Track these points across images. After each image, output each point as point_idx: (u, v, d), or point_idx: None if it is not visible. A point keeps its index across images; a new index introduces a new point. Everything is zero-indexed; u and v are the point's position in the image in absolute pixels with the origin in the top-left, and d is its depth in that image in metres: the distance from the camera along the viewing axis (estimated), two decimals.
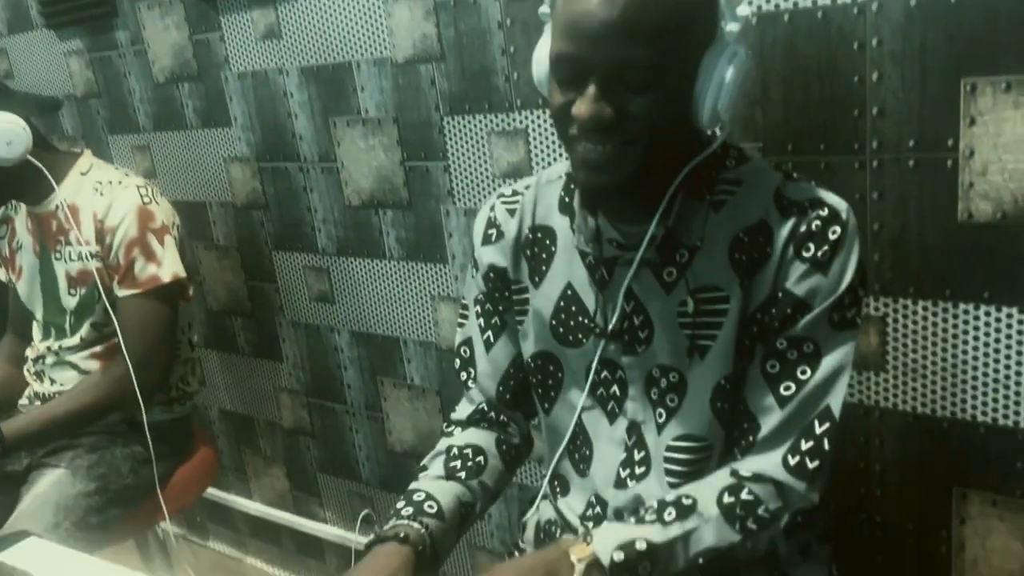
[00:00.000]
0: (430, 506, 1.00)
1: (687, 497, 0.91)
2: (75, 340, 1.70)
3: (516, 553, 1.16)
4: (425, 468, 1.07)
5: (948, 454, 1.26)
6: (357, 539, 2.13)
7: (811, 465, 0.91)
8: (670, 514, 0.90)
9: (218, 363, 2.34)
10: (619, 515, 1.02)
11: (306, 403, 2.17)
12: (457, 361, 1.15)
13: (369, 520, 2.14)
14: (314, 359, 2.09)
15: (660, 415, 0.98)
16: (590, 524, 1.05)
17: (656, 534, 0.87)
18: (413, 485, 1.04)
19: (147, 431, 1.61)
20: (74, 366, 1.71)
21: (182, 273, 1.65)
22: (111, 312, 1.62)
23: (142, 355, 1.62)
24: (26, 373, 1.80)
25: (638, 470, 1.01)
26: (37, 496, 1.59)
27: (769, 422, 0.92)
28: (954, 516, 1.28)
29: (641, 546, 0.86)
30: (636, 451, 1.01)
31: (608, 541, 0.86)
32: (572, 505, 1.08)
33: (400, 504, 1.01)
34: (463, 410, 1.15)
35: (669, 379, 0.97)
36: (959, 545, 1.29)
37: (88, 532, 1.59)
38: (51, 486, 1.61)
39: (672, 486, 0.97)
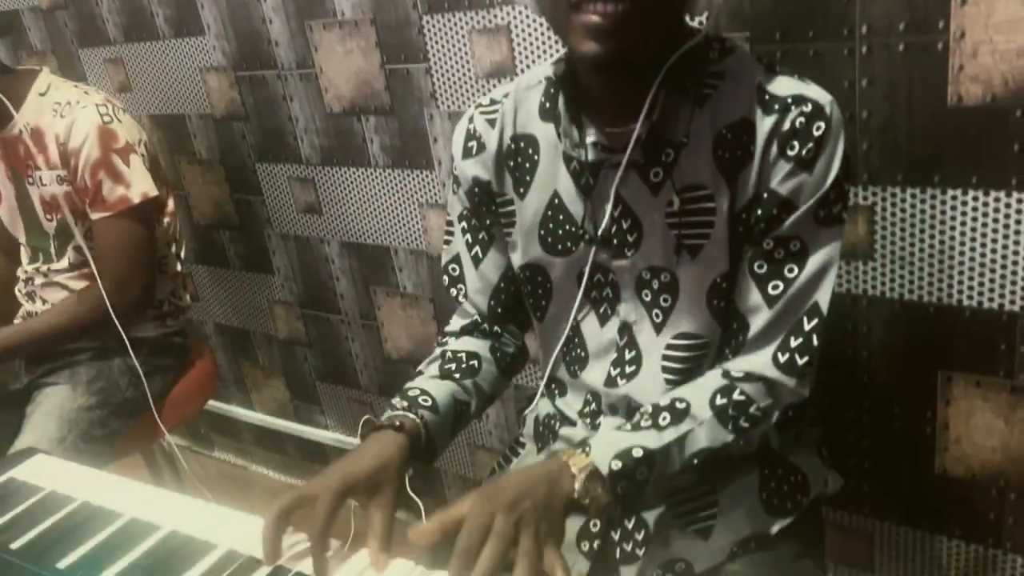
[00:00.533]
0: (424, 400, 1.01)
1: (680, 401, 0.93)
2: (63, 263, 1.70)
3: (517, 448, 1.19)
4: (420, 372, 1.09)
5: (934, 339, 1.29)
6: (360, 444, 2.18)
7: (800, 361, 0.92)
8: (664, 419, 0.91)
9: (209, 278, 2.34)
10: (614, 410, 1.04)
11: (300, 314, 2.18)
12: (446, 278, 1.15)
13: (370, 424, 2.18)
14: (305, 271, 2.09)
15: (657, 315, 0.98)
16: (588, 419, 1.07)
17: (652, 440, 0.89)
18: (408, 384, 1.05)
19: (129, 347, 1.64)
20: (63, 286, 1.72)
21: (152, 192, 1.62)
22: (78, 237, 1.62)
23: (121, 275, 1.63)
24: (18, 294, 1.81)
25: (628, 369, 1.02)
26: (42, 413, 1.62)
27: (758, 321, 0.93)
28: (939, 398, 1.32)
29: (638, 453, 0.87)
30: (627, 351, 1.02)
31: (606, 451, 0.87)
32: (570, 403, 1.10)
33: (395, 399, 1.02)
34: (456, 323, 1.15)
35: (660, 279, 0.97)
36: (943, 425, 1.33)
37: (93, 445, 1.64)
38: (54, 402, 1.64)
39: (670, 383, 0.99)
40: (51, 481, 1.05)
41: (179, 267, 1.84)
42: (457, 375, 1.07)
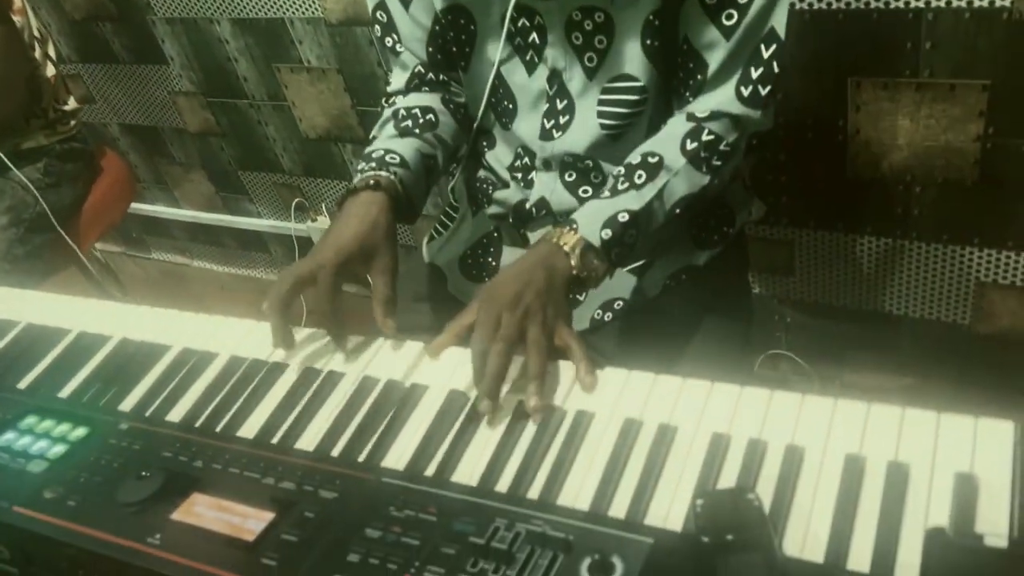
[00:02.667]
0: (392, 158, 0.97)
1: (652, 155, 0.91)
2: None
3: (452, 213, 1.19)
4: (375, 138, 1.04)
5: (843, 46, 1.29)
6: (295, 227, 2.19)
7: (763, 91, 0.91)
8: (640, 177, 0.90)
9: (102, 76, 2.20)
10: (548, 165, 1.03)
11: (206, 103, 2.08)
12: (377, 28, 1.07)
13: (302, 207, 2.18)
14: (201, 56, 1.97)
15: (590, 59, 0.95)
16: (519, 175, 1.06)
17: (633, 201, 0.89)
18: (368, 149, 1.01)
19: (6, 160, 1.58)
20: None
21: None
22: None
23: None
24: None
25: (562, 119, 1.00)
26: None
27: (716, 56, 0.90)
28: (849, 105, 1.35)
29: (624, 217, 0.87)
30: (558, 100, 0.99)
31: (592, 222, 0.87)
32: (500, 157, 1.09)
33: (360, 165, 0.98)
34: (398, 79, 1.09)
35: (595, 20, 0.92)
36: (854, 131, 1.38)
37: (19, 264, 1.62)
38: None
39: (608, 133, 0.97)
40: None
41: (52, 69, 1.72)
42: (416, 130, 1.02)
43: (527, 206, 1.05)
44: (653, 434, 0.69)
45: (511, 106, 1.03)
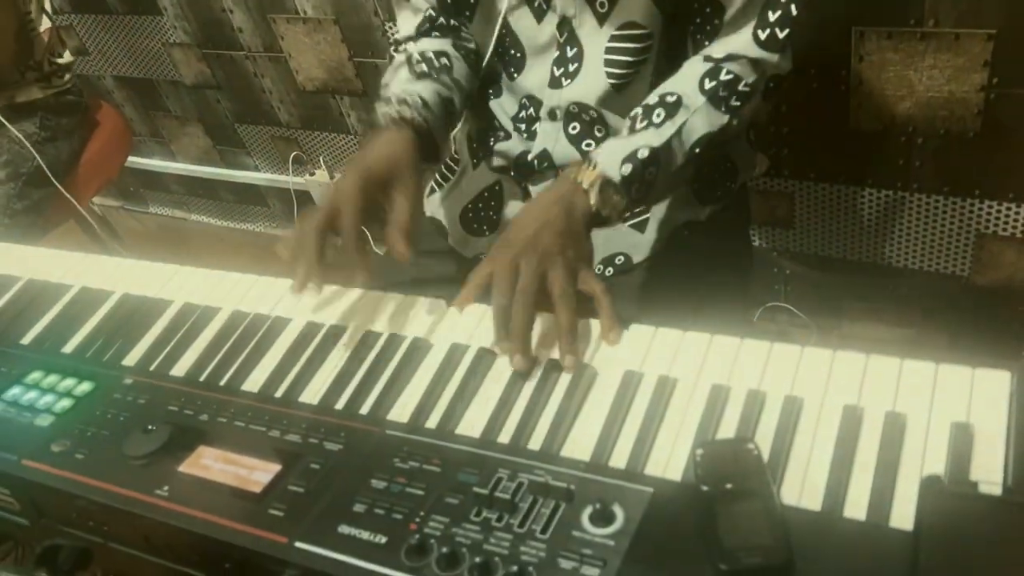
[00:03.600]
0: (413, 99, 0.95)
1: (670, 95, 0.90)
2: None
3: (453, 165, 1.18)
4: (386, 84, 1.02)
5: None
6: (293, 180, 2.18)
7: (781, 35, 0.90)
8: (659, 115, 0.89)
9: (96, 27, 2.17)
10: (552, 115, 1.02)
11: (201, 55, 2.06)
12: None
13: (300, 160, 2.16)
14: (195, 7, 1.94)
15: (601, 5, 0.93)
16: (523, 126, 1.05)
17: (653, 138, 0.87)
18: (386, 93, 0.99)
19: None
20: None
21: None
22: None
23: None
24: None
25: (571, 67, 0.98)
26: None
27: (734, 0, 0.89)
28: (852, 56, 1.34)
29: (643, 154, 0.86)
30: (568, 48, 0.98)
31: (612, 158, 0.85)
32: (505, 108, 1.07)
33: (381, 108, 0.96)
34: (407, 24, 1.07)
35: None
36: (857, 81, 1.37)
37: (19, 219, 1.62)
38: None
39: (614, 83, 0.96)
40: None
41: (47, 21, 1.70)
42: (433, 74, 1.00)
43: (529, 158, 1.04)
44: (653, 386, 0.69)
45: (519, 55, 1.02)
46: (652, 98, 0.91)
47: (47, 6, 1.70)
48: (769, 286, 1.74)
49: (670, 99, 0.90)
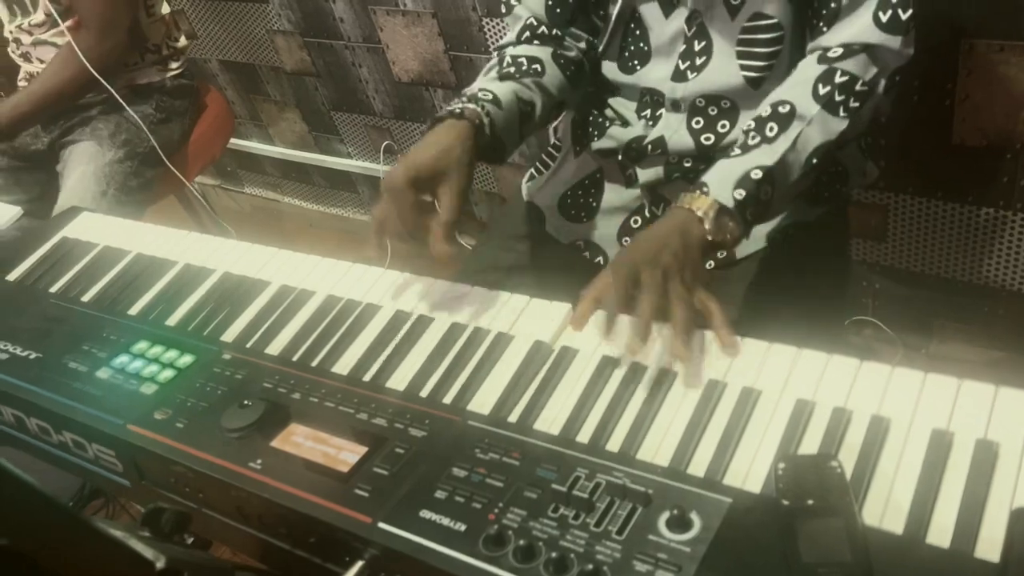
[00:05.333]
0: (484, 94, 0.96)
1: (783, 104, 0.87)
2: (40, 16, 1.66)
3: (554, 152, 1.18)
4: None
5: (957, 5, 1.23)
6: (383, 168, 2.23)
7: (904, 15, 0.86)
8: (771, 129, 0.86)
9: (206, 13, 2.26)
10: (677, 107, 1.01)
11: (303, 43, 2.12)
12: None
13: (391, 150, 2.21)
14: None
15: None
16: (647, 112, 1.04)
17: (766, 156, 0.85)
18: (465, 89, 1.00)
19: (114, 91, 1.66)
20: (52, 44, 1.69)
21: None
22: None
23: (105, 18, 1.60)
24: (14, 56, 1.78)
25: (698, 60, 0.97)
26: (76, 171, 1.67)
27: None
28: (960, 68, 1.29)
29: (757, 175, 0.83)
30: (696, 42, 0.97)
31: (724, 183, 0.83)
32: (624, 101, 1.07)
33: (454, 102, 0.97)
34: (512, 32, 1.08)
35: None
36: (963, 95, 1.32)
37: (132, 195, 1.70)
38: (84, 159, 1.68)
39: (750, 76, 0.95)
40: (101, 236, 1.11)
41: (167, 7, 1.78)
42: (518, 76, 1.01)
43: (644, 143, 1.03)
44: (736, 396, 0.69)
45: (645, 48, 1.02)
46: (764, 108, 0.89)
47: None
48: (857, 299, 1.70)
49: (783, 109, 0.87)
